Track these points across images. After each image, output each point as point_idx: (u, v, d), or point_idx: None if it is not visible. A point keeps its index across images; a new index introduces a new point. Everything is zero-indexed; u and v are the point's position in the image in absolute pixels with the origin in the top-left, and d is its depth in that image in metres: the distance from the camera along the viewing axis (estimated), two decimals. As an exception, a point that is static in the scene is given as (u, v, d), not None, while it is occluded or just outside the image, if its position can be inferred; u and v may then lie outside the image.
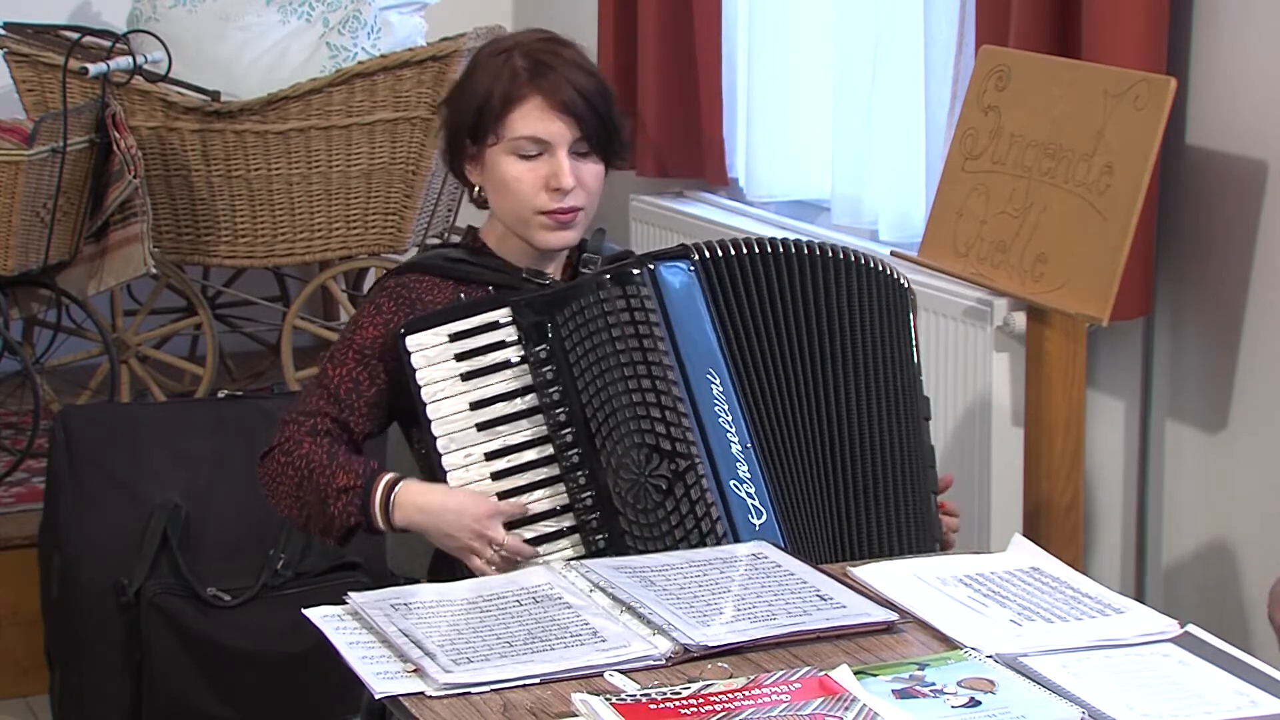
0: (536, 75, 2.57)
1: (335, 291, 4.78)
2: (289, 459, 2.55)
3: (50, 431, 4.08)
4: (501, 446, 2.51)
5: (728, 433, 2.51)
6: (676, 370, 2.51)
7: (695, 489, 2.48)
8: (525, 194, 2.59)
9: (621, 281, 2.53)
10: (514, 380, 2.52)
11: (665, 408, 2.49)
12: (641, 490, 2.48)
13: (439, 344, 2.52)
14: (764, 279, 2.59)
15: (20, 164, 4.18)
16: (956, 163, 3.51)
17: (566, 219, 2.59)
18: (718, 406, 2.52)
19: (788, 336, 2.58)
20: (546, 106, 2.57)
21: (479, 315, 2.53)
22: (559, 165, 2.57)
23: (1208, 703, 2.01)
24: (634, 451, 2.48)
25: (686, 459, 2.48)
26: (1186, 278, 3.46)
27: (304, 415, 2.58)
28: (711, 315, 2.55)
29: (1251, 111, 3.31)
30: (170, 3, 4.65)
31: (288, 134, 4.44)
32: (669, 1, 4.50)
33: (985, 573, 2.38)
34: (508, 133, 2.58)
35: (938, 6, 3.85)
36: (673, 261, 2.57)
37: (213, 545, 3.93)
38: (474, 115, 2.61)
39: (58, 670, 4.00)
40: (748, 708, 1.95)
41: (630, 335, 2.51)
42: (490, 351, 2.52)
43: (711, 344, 2.55)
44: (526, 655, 2.11)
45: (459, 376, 2.52)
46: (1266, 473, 3.33)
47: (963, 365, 3.59)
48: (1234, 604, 3.42)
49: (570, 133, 2.58)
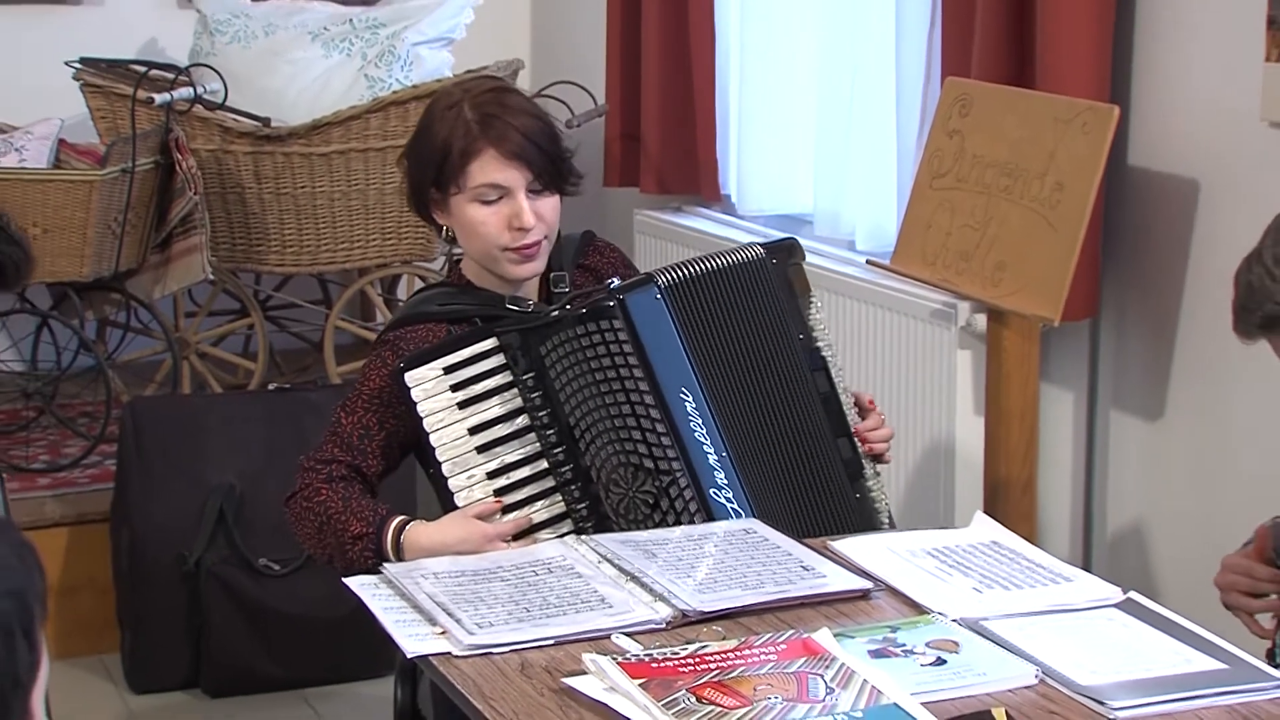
0: (486, 128, 2.53)
1: (372, 295, 4.78)
2: (309, 505, 2.51)
3: (120, 420, 4.08)
4: (500, 465, 2.47)
5: (704, 445, 2.49)
6: (653, 394, 2.48)
7: (679, 500, 2.46)
8: (491, 235, 2.55)
9: (595, 317, 2.49)
10: (506, 404, 2.48)
11: (645, 430, 2.46)
12: (631, 504, 2.46)
13: (435, 377, 2.48)
14: (715, 295, 2.57)
15: (94, 183, 4.18)
16: (925, 181, 3.50)
17: (530, 252, 2.56)
18: (693, 422, 2.49)
19: (740, 343, 2.57)
20: (499, 156, 2.52)
21: (469, 347, 2.49)
22: (519, 207, 2.53)
23: (1148, 660, 2.01)
24: (620, 470, 2.46)
25: (669, 475, 2.46)
26: (1128, 283, 3.45)
27: (320, 463, 2.54)
28: (680, 335, 2.53)
29: (1185, 136, 3.30)
30: (226, 40, 4.66)
31: (330, 156, 4.44)
32: (668, 38, 4.49)
33: (950, 546, 2.38)
34: (468, 183, 2.54)
35: (908, 42, 3.84)
36: (639, 291, 2.53)
37: (263, 521, 3.92)
38: (435, 168, 2.57)
39: (127, 632, 4.00)
40: (739, 666, 1.95)
41: (608, 366, 2.48)
42: (482, 380, 2.48)
43: (683, 363, 2.52)
44: (542, 619, 2.11)
45: (456, 405, 2.48)
46: (1199, 456, 3.33)
47: (930, 361, 3.59)
48: (1171, 573, 3.42)
49: (524, 176, 2.53)
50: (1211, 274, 3.25)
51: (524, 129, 2.54)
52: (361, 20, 4.69)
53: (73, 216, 4.17)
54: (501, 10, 5.12)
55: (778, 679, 1.91)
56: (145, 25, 5.11)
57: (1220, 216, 3.25)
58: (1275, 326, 2.26)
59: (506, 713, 1.90)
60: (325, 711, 3.85)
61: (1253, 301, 2.26)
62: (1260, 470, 3.12)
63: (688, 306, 2.55)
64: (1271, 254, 2.24)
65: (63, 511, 4.17)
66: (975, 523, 2.48)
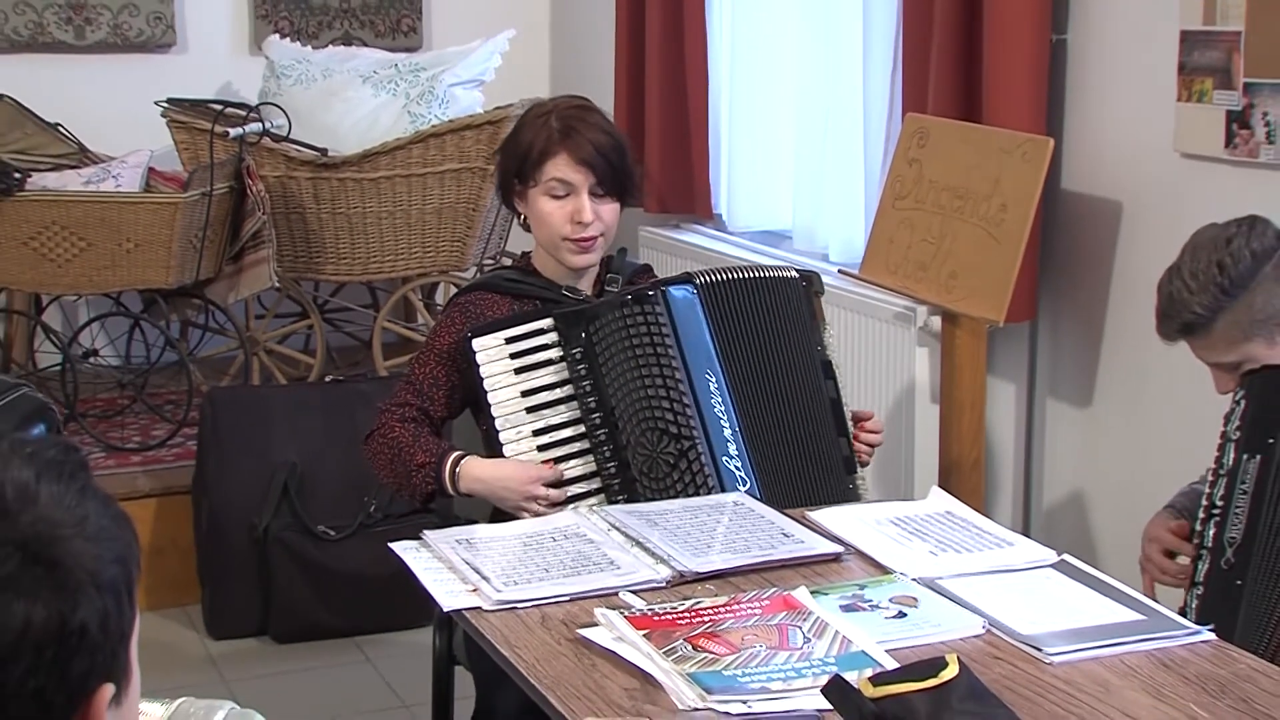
0: (565, 135, 2.56)
1: (414, 300, 4.77)
2: (384, 440, 2.53)
3: (200, 407, 4.09)
4: (545, 425, 2.48)
5: (721, 420, 2.49)
6: (683, 371, 2.48)
7: (696, 464, 2.46)
8: (555, 225, 2.57)
9: (640, 301, 2.51)
10: (555, 375, 2.50)
11: (673, 400, 2.47)
12: (654, 463, 2.45)
13: (497, 345, 2.50)
14: (745, 297, 2.57)
15: (178, 205, 4.17)
16: (888, 202, 3.50)
17: (587, 245, 2.58)
18: (714, 399, 2.50)
19: (761, 340, 2.56)
20: (571, 160, 2.55)
21: (528, 323, 2.51)
22: (581, 204, 2.55)
23: (1078, 612, 2.01)
24: (649, 434, 2.46)
25: (689, 440, 2.46)
26: (1062, 290, 3.45)
27: (395, 406, 2.56)
28: (709, 327, 2.53)
29: (1110, 164, 3.30)
30: (290, 82, 4.66)
31: (378, 181, 4.43)
32: (668, 80, 4.49)
33: (909, 515, 2.37)
34: (543, 177, 2.57)
35: (874, 83, 3.83)
36: (680, 285, 2.55)
37: (322, 494, 3.92)
38: (518, 163, 2.60)
39: (206, 587, 4.00)
40: (728, 619, 1.95)
41: (646, 344, 2.48)
42: (537, 352, 2.50)
43: (710, 350, 2.52)
44: (559, 579, 2.11)
45: (513, 371, 2.49)
46: (1122, 438, 3.32)
47: (892, 357, 3.58)
48: (1099, 538, 3.41)
49: (589, 179, 2.56)
50: (1133, 282, 3.25)
51: (595, 141, 2.56)
52: (405, 65, 4.69)
53: (160, 233, 4.17)
54: (524, 56, 5.11)
55: (762, 630, 1.91)
56: (222, 70, 5.11)
57: (1140, 233, 3.24)
58: (1193, 331, 2.26)
59: (529, 659, 1.90)
60: (374, 655, 3.85)
61: (1173, 309, 2.26)
62: (1173, 449, 3.11)
63: (719, 304, 2.55)
64: (1189, 268, 2.24)
65: (151, 485, 4.17)
66: (931, 496, 2.48)
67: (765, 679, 1.79)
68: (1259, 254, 2.22)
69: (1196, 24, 3.01)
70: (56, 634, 1.03)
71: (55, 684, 1.04)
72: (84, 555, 1.06)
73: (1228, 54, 2.94)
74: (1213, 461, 2.24)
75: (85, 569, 1.05)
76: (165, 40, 5.04)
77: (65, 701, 1.05)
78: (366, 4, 5.28)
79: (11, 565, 1.03)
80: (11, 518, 1.05)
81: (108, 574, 1.07)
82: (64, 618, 1.03)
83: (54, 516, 1.06)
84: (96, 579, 1.06)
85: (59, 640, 1.03)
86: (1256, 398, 2.19)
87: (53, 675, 1.03)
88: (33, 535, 1.04)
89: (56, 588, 1.04)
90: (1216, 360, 2.28)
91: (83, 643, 1.05)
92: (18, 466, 1.07)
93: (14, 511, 1.05)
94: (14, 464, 1.07)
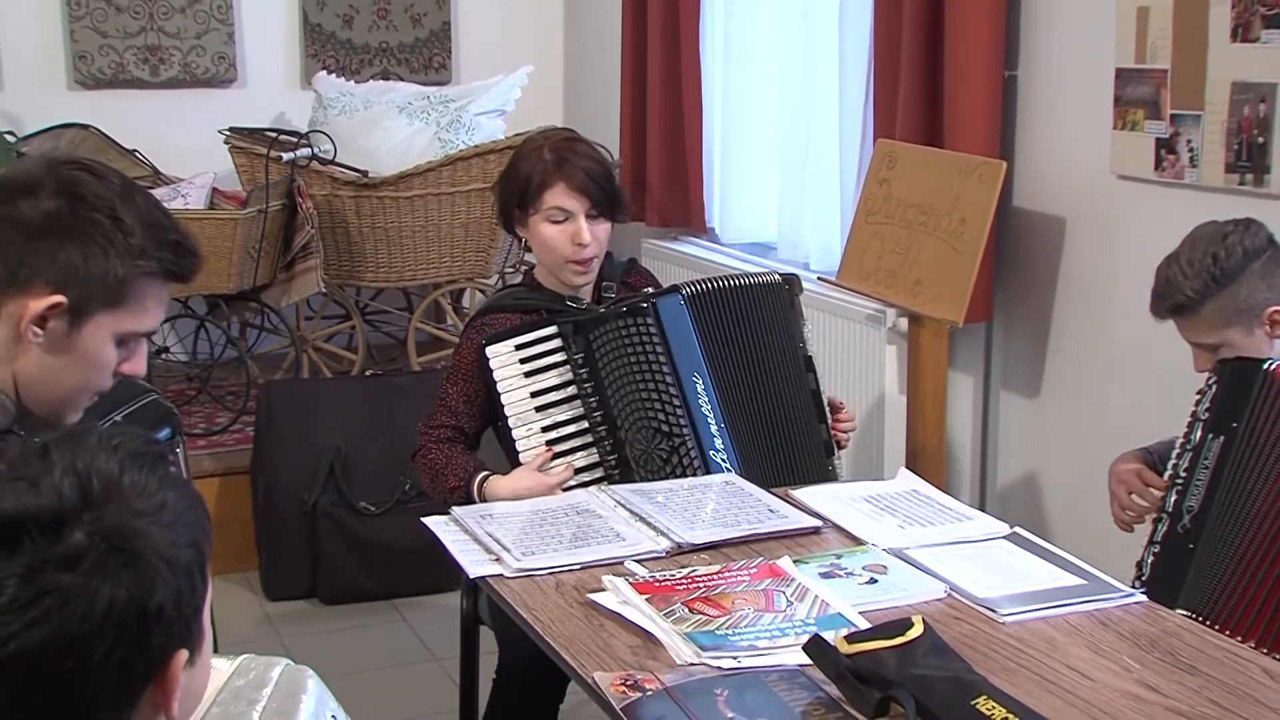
0: (559, 165, 2.53)
1: (443, 304, 4.77)
2: (425, 462, 2.52)
3: (256, 397, 4.08)
4: (552, 423, 2.47)
5: (708, 418, 2.47)
6: (673, 376, 2.47)
7: (686, 457, 2.45)
8: (558, 248, 2.55)
9: (634, 314, 2.48)
10: (560, 377, 2.48)
11: (665, 402, 2.45)
12: (649, 457, 2.44)
13: (508, 352, 2.48)
14: (730, 303, 2.55)
15: (238, 220, 4.17)
16: (861, 217, 3.49)
17: (586, 265, 2.56)
18: (701, 399, 2.48)
19: (746, 340, 2.55)
20: (568, 189, 2.53)
21: (535, 331, 2.49)
22: (579, 227, 2.53)
23: (1029, 577, 2.00)
24: (643, 432, 2.44)
25: (680, 437, 2.45)
26: (1014, 295, 3.44)
27: (432, 428, 2.54)
28: (696, 333, 2.51)
29: (1055, 184, 3.29)
30: (336, 112, 4.65)
31: (412, 199, 4.42)
32: (667, 109, 4.48)
33: (881, 494, 2.36)
34: (543, 205, 2.54)
35: (849, 112, 3.82)
36: (669, 297, 2.52)
37: (363, 474, 3.92)
38: (519, 193, 2.57)
39: (263, 555, 4.00)
40: (721, 585, 1.94)
41: (640, 352, 2.47)
42: (544, 357, 2.48)
43: (697, 354, 2.50)
44: (571, 549, 2.10)
45: (522, 374, 2.47)
46: (1067, 425, 3.32)
47: (864, 354, 3.57)
48: (1046, 513, 3.41)
49: (584, 205, 2.53)
50: (1075, 287, 3.25)
51: (587, 169, 2.54)
52: (436, 97, 4.68)
53: (222, 245, 4.16)
54: (541, 88, 5.11)
55: (750, 594, 1.91)
56: (276, 102, 5.10)
57: (1081, 245, 3.23)
58: (1181, 312, 2.26)
59: (545, 619, 1.89)
60: (409, 616, 3.84)
61: (1167, 291, 2.25)
62: (1112, 434, 3.10)
63: (705, 312, 2.53)
64: (1187, 256, 2.24)
65: (214, 466, 4.16)
66: (899, 476, 2.47)
67: (753, 637, 1.78)
68: (1250, 251, 2.21)
69: (1130, 62, 3.00)
70: (137, 613, 1.04)
71: (137, 655, 1.04)
72: (161, 542, 1.06)
73: (1156, 89, 2.94)
74: (1181, 436, 2.23)
75: (162, 556, 1.06)
76: (228, 76, 5.03)
77: (145, 669, 1.06)
78: (403, 44, 5.28)
79: (98, 553, 1.03)
80: (98, 508, 1.05)
81: (182, 558, 1.07)
82: (144, 599, 1.04)
83: (135, 506, 1.06)
84: (172, 564, 1.06)
85: (139, 618, 1.04)
86: (1226, 384, 2.18)
87: (134, 648, 1.04)
88: (115, 525, 1.05)
89: (136, 572, 1.04)
90: (1199, 340, 2.26)
91: (160, 619, 1.05)
92: (104, 459, 1.07)
93: (100, 503, 1.05)
94: (100, 456, 1.07)
